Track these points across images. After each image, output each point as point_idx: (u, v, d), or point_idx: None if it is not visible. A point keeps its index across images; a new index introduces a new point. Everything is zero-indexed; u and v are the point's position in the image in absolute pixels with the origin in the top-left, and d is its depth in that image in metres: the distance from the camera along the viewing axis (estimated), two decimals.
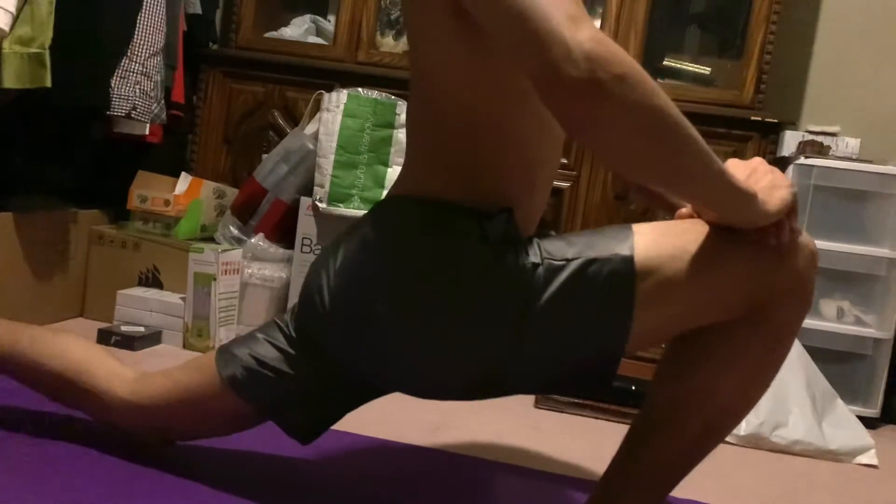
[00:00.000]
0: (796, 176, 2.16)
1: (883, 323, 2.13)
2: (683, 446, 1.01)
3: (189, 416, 1.16)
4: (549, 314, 0.94)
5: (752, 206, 0.90)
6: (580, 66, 0.76)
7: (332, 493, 1.22)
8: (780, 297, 0.94)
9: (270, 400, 1.11)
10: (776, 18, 2.21)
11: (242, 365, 1.11)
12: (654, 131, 0.81)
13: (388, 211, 1.03)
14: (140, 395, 1.16)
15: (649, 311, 0.94)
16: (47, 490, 1.06)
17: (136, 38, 2.01)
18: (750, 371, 0.98)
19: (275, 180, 2.20)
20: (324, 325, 1.06)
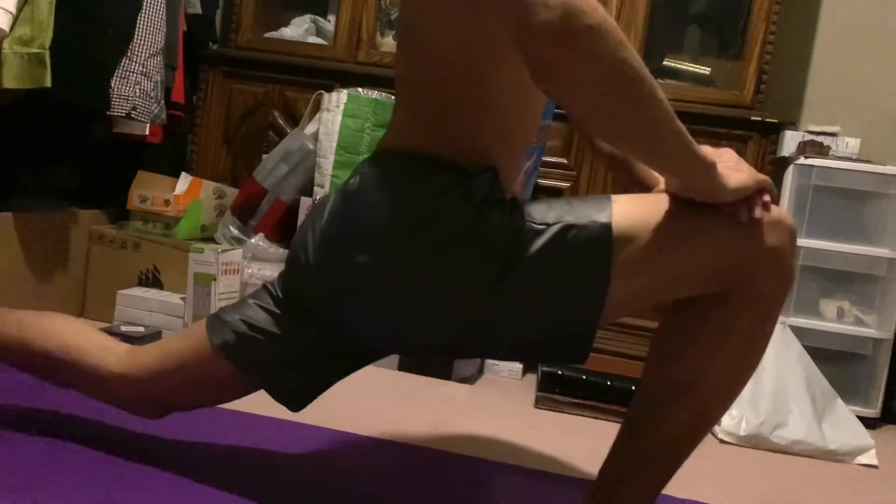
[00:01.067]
0: (796, 176, 2.16)
1: (883, 323, 2.13)
2: (677, 431, 1.01)
3: (181, 385, 1.15)
4: (527, 276, 0.95)
5: (711, 175, 0.92)
6: (552, 12, 0.77)
7: (332, 492, 1.22)
8: (759, 273, 0.95)
9: (259, 365, 1.11)
10: (776, 18, 2.21)
11: (232, 330, 1.11)
12: (619, 84, 0.82)
13: (374, 167, 1.03)
14: (132, 366, 1.16)
15: (626, 278, 0.94)
16: (48, 490, 1.06)
17: (136, 39, 2.01)
18: (736, 350, 0.98)
19: (275, 180, 2.20)
20: (308, 281, 1.06)
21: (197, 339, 1.13)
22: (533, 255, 0.95)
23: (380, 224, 0.98)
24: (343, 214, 1.02)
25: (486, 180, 0.97)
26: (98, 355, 1.18)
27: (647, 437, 1.02)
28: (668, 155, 0.91)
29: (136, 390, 1.17)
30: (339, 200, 1.04)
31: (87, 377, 1.19)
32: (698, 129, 2.19)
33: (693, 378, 0.98)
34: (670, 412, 1.00)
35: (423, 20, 0.97)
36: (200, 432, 1.36)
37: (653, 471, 1.04)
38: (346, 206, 1.02)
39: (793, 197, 2.16)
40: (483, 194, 0.96)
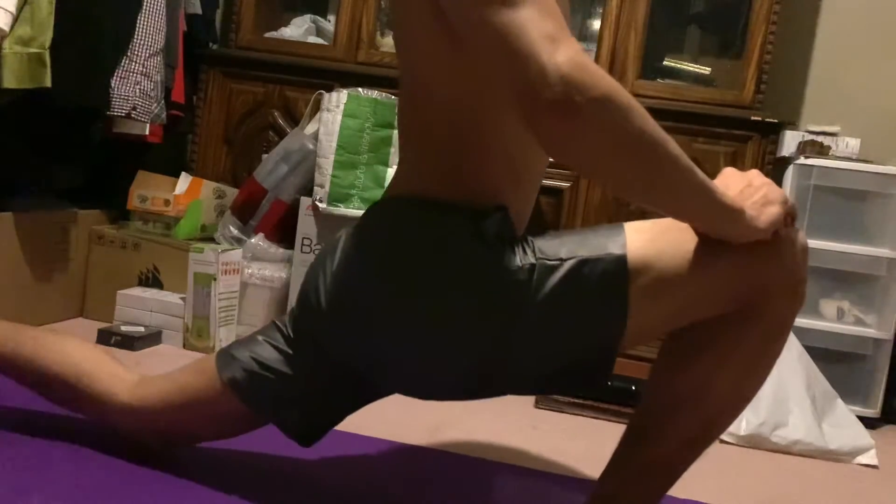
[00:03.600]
0: (796, 176, 2.16)
1: (883, 323, 2.13)
2: (680, 443, 1.01)
3: (190, 419, 1.16)
4: (543, 314, 0.94)
5: (740, 223, 0.90)
6: (555, 89, 0.77)
7: (332, 492, 1.22)
8: (774, 293, 0.94)
9: (270, 402, 1.11)
10: (776, 18, 2.21)
11: (242, 367, 1.11)
12: (630, 152, 0.82)
13: (384, 211, 1.04)
14: (141, 398, 1.16)
15: (643, 308, 0.94)
16: (48, 490, 1.06)
17: (136, 39, 2.01)
18: (744, 366, 0.98)
19: (275, 180, 2.20)
20: (321, 324, 1.06)
21: (206, 375, 1.13)
22: (548, 292, 0.94)
23: (391, 268, 0.98)
24: (354, 258, 1.02)
25: (496, 220, 0.96)
26: (108, 383, 1.18)
27: (651, 447, 1.02)
28: (691, 208, 0.90)
29: (142, 422, 1.16)
30: (350, 244, 1.03)
31: (95, 405, 1.19)
32: (698, 129, 2.19)
33: (700, 392, 0.98)
34: (675, 424, 1.00)
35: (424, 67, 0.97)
36: None
37: (654, 480, 1.03)
38: (358, 249, 1.02)
39: (793, 197, 2.15)
40: (494, 233, 0.96)
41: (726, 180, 0.93)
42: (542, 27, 0.79)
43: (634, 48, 2.26)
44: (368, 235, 1.02)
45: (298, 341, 1.10)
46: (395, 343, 1.00)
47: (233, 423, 1.16)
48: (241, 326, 2.05)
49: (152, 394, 1.15)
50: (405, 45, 1.00)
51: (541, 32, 0.78)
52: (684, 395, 0.99)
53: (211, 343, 1.95)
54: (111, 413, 1.18)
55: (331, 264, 1.04)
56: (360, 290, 1.00)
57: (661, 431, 1.01)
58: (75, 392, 1.19)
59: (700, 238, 0.94)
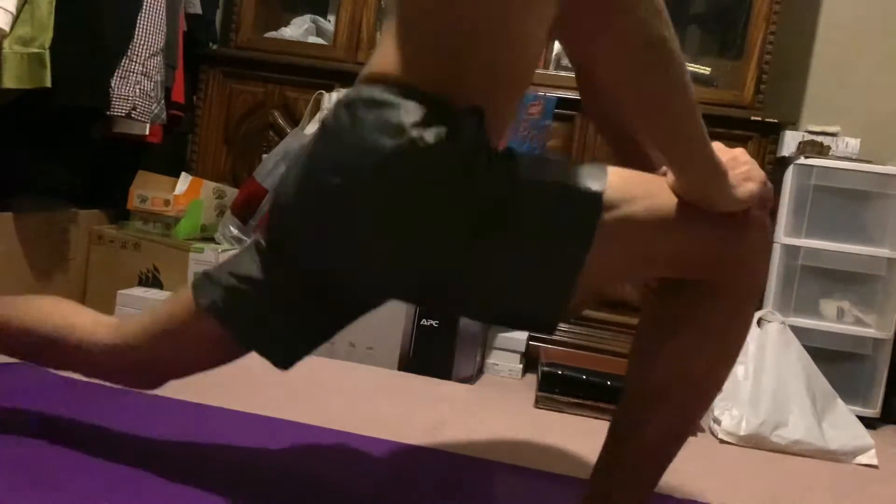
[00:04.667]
0: (796, 176, 2.16)
1: (883, 323, 2.13)
2: (660, 433, 1.01)
3: (170, 350, 1.14)
4: (508, 232, 0.93)
5: (720, 183, 0.91)
6: None
7: (332, 492, 1.22)
8: (736, 270, 0.95)
9: (246, 322, 1.09)
10: (776, 18, 2.21)
11: (217, 285, 1.09)
12: (656, 57, 0.83)
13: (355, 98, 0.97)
14: (123, 335, 1.15)
15: (607, 245, 0.93)
16: (49, 490, 1.06)
17: (136, 39, 2.01)
18: (712, 348, 0.98)
19: (275, 180, 2.19)
20: (288, 216, 1.03)
21: (183, 302, 1.12)
22: (517, 211, 0.92)
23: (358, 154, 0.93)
24: (323, 143, 0.99)
25: (472, 125, 0.93)
26: (89, 330, 1.17)
27: (632, 442, 1.02)
28: (684, 146, 0.90)
29: (126, 360, 1.15)
30: (319, 133, 1.00)
31: (79, 353, 1.17)
32: None
33: (671, 379, 0.98)
34: (652, 415, 1.00)
35: None
36: (199, 432, 1.36)
37: (641, 474, 1.04)
38: (326, 135, 0.99)
39: (793, 197, 2.16)
40: (469, 140, 0.92)
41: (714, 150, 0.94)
42: None
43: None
44: (336, 125, 0.98)
45: (272, 251, 1.08)
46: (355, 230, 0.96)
47: (214, 350, 1.14)
48: None
49: (133, 329, 1.14)
50: None
51: None
52: (660, 385, 0.99)
53: None
54: (96, 358, 1.16)
55: (302, 160, 1.02)
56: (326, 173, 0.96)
57: (640, 425, 1.01)
58: (58, 346, 1.18)
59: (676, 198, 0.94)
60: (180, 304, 1.12)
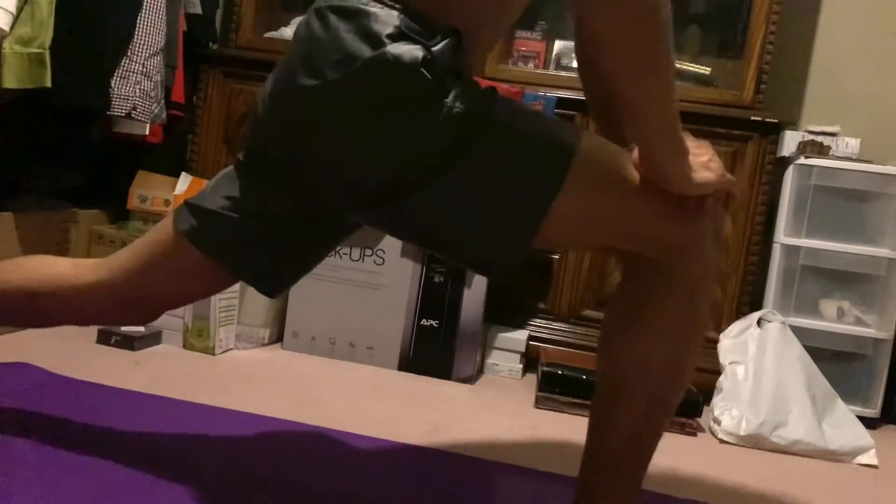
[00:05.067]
0: (796, 176, 2.16)
1: (883, 323, 2.13)
2: (635, 421, 1.01)
3: (156, 280, 1.13)
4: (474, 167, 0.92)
5: (679, 163, 0.93)
6: None
7: (332, 492, 1.22)
8: (684, 253, 0.96)
9: (226, 246, 1.09)
10: (776, 18, 2.21)
11: (196, 212, 1.09)
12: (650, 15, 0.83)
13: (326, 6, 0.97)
14: (108, 270, 1.14)
15: (569, 202, 0.94)
16: (48, 490, 1.06)
17: (136, 39, 2.01)
18: (671, 334, 0.99)
19: None
20: (264, 127, 1.04)
21: (164, 231, 1.12)
22: (487, 148, 0.92)
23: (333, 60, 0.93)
24: (296, 49, 0.99)
25: (448, 47, 0.92)
26: (71, 273, 1.17)
27: (609, 434, 1.03)
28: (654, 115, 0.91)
29: (113, 296, 1.15)
30: (292, 41, 1.01)
31: (66, 299, 1.17)
32: (698, 129, 2.19)
33: (637, 366, 1.00)
34: (624, 405, 1.01)
35: None
36: (198, 432, 1.36)
37: (622, 468, 1.04)
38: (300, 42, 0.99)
39: (793, 197, 2.16)
40: (444, 64, 0.91)
41: None
42: None
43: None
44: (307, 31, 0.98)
45: (251, 164, 1.07)
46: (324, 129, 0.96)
47: (199, 277, 1.13)
48: (241, 326, 2.05)
49: (117, 264, 1.14)
50: None
51: None
52: (624, 375, 1.01)
53: (211, 344, 1.95)
54: (83, 299, 1.16)
55: (276, 70, 1.02)
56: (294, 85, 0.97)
57: (613, 416, 1.02)
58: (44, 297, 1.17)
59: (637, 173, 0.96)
60: (162, 233, 1.12)
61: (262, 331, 2.10)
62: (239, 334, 2.05)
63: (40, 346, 1.81)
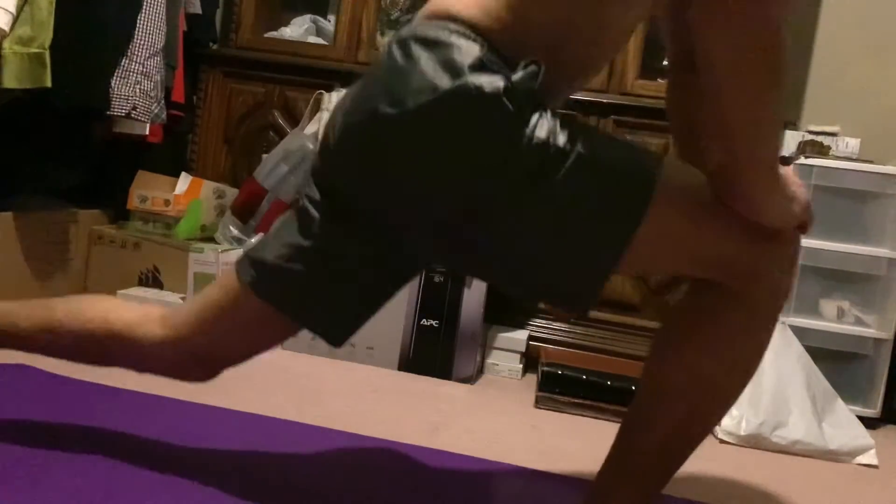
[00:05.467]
0: (797, 176, 2.15)
1: (883, 323, 2.13)
2: (669, 430, 1.01)
3: (223, 335, 1.11)
4: (553, 198, 0.91)
5: (775, 196, 0.92)
6: None
7: (332, 492, 1.22)
8: (762, 279, 0.95)
9: (292, 296, 1.07)
10: None
11: (261, 263, 1.07)
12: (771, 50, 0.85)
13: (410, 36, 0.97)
14: (174, 326, 1.12)
15: (651, 231, 0.92)
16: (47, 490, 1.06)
17: (136, 39, 2.02)
18: (730, 354, 0.98)
19: (275, 180, 2.20)
20: (334, 160, 1.02)
21: (229, 284, 1.09)
22: (567, 177, 0.90)
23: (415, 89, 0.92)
24: (376, 78, 0.97)
25: (529, 75, 0.91)
26: (139, 324, 1.14)
27: (641, 438, 1.02)
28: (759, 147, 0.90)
29: (180, 351, 1.12)
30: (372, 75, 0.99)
31: (132, 351, 1.15)
32: None
33: (686, 378, 0.99)
34: (663, 410, 1.00)
35: None
36: (198, 432, 1.36)
37: (647, 473, 1.04)
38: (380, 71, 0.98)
39: None
40: (525, 93, 0.90)
41: None
42: None
43: (634, 48, 2.25)
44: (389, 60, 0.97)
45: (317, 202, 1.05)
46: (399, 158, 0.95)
47: (267, 329, 1.11)
48: None
49: (183, 318, 1.12)
50: None
51: None
52: (671, 385, 1.00)
53: None
54: (149, 353, 1.14)
55: (349, 99, 1.00)
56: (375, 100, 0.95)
57: (650, 419, 1.01)
58: (110, 345, 1.15)
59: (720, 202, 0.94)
60: (227, 286, 1.10)
61: None
62: None
63: None
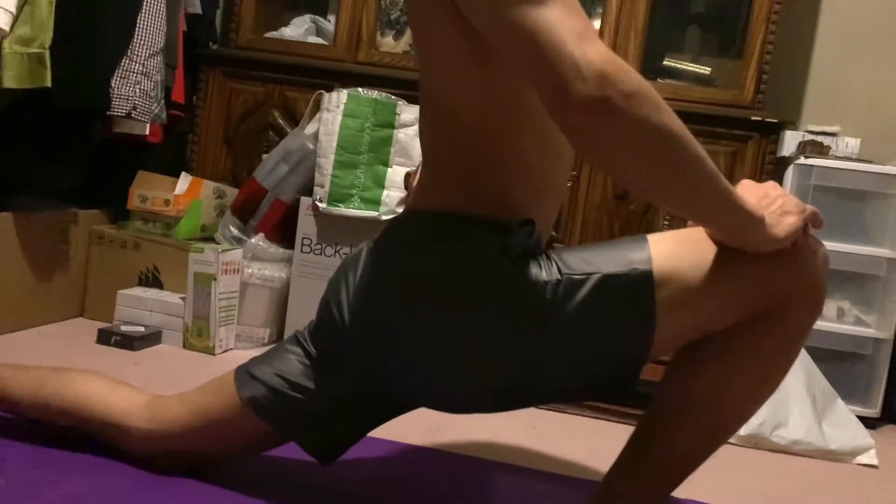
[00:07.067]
0: (796, 176, 2.16)
1: (883, 323, 2.13)
2: (690, 446, 1.01)
3: (210, 441, 1.14)
4: (570, 328, 0.94)
5: (759, 231, 0.91)
6: (590, 83, 0.77)
7: (333, 492, 1.22)
8: (793, 301, 0.95)
9: (291, 420, 1.10)
10: (776, 18, 2.21)
11: (262, 384, 1.09)
12: (660, 149, 0.82)
13: (407, 224, 1.03)
14: (158, 422, 1.13)
15: (668, 319, 0.94)
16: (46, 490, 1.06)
17: (136, 38, 2.01)
18: (759, 372, 0.98)
19: (275, 180, 2.20)
20: (344, 340, 1.06)
21: (225, 395, 1.12)
22: (575, 307, 0.94)
23: (417, 284, 0.98)
24: (378, 272, 1.01)
25: (523, 234, 0.96)
26: (123, 411, 1.15)
27: (659, 449, 1.02)
28: (712, 212, 0.90)
29: (159, 446, 1.14)
30: (372, 257, 1.03)
31: (111, 435, 1.16)
32: (698, 129, 2.19)
33: (714, 397, 0.98)
34: (686, 427, 1.00)
35: (447, 83, 0.97)
36: None
37: (660, 482, 1.04)
38: (381, 263, 1.02)
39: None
40: (521, 248, 0.95)
41: (743, 191, 0.93)
42: (572, 24, 0.79)
43: (634, 48, 2.26)
44: (392, 249, 1.02)
45: (320, 357, 1.09)
46: (423, 360, 0.99)
47: (253, 442, 1.15)
48: (241, 326, 2.05)
49: (168, 418, 1.13)
50: (426, 60, 0.99)
51: (571, 29, 0.79)
52: (698, 400, 0.99)
53: (211, 343, 1.95)
54: (129, 439, 1.15)
55: (353, 278, 1.04)
56: (385, 306, 1.00)
57: (672, 434, 1.01)
58: (89, 424, 1.17)
59: (719, 248, 0.94)
60: (220, 396, 1.12)
61: (262, 331, 2.10)
62: (239, 334, 2.05)
63: (40, 347, 1.81)
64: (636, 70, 0.82)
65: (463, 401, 1.05)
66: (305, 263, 2.13)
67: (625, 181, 0.91)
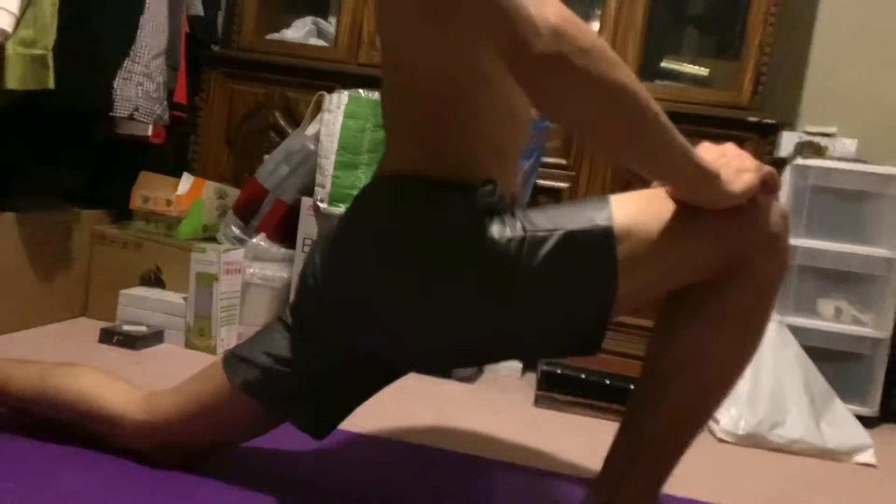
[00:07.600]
0: (794, 176, 2.17)
1: (880, 322, 2.14)
2: (677, 411, 1.02)
3: (205, 429, 1.16)
4: (535, 284, 0.96)
5: (715, 186, 0.93)
6: (546, 40, 0.79)
7: (332, 490, 1.23)
8: (753, 256, 0.97)
9: (282, 397, 1.12)
10: (774, 20, 2.22)
11: (253, 364, 1.12)
12: (617, 105, 0.84)
13: (376, 190, 1.06)
14: (153, 413, 1.15)
15: (630, 274, 0.96)
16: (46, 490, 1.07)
17: (138, 40, 2.02)
18: (734, 327, 0.99)
19: (276, 181, 2.21)
20: (318, 304, 1.08)
21: (216, 381, 1.14)
22: (539, 263, 0.96)
23: (387, 244, 1.00)
24: (350, 237, 1.04)
25: (486, 193, 0.99)
26: (119, 404, 1.17)
27: (647, 422, 1.03)
28: (669, 167, 0.92)
29: (157, 438, 1.16)
30: (344, 224, 1.06)
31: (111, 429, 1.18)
32: (696, 129, 2.20)
33: (690, 358, 1.00)
34: (668, 392, 1.01)
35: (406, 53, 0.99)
36: None
37: (656, 456, 1.04)
38: (352, 228, 1.05)
39: (790, 197, 2.17)
40: (485, 206, 0.98)
41: (701, 151, 0.95)
42: None
43: (633, 49, 2.27)
44: (361, 214, 1.05)
45: (301, 331, 1.12)
46: (394, 319, 1.02)
47: (249, 425, 1.17)
48: (242, 326, 2.06)
49: (164, 408, 1.15)
50: (386, 32, 1.02)
51: None
52: (676, 364, 1.01)
53: (213, 343, 1.96)
54: (126, 434, 1.17)
55: (327, 246, 1.07)
56: (356, 268, 1.03)
57: (656, 403, 1.02)
58: (88, 420, 1.18)
59: (680, 207, 0.97)
60: (211, 383, 1.14)
61: None
62: (240, 333, 2.06)
63: (40, 346, 1.82)
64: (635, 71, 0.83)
65: (435, 358, 1.08)
66: None
67: (583, 136, 0.95)
